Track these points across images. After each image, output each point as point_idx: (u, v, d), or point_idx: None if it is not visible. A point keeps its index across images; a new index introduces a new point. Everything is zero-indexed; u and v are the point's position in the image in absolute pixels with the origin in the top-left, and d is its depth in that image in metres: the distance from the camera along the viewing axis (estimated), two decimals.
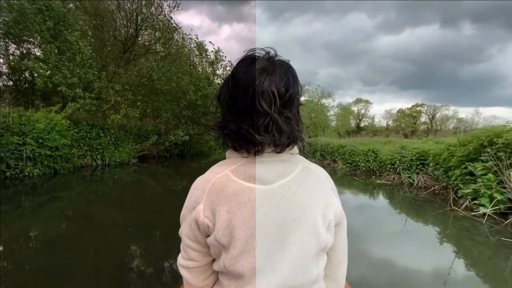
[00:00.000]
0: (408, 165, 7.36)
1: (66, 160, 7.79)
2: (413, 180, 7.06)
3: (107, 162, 9.30)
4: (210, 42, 13.68)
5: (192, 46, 13.31)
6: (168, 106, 11.71)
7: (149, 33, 10.71)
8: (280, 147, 0.61)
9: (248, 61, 0.61)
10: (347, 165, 10.45)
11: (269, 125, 0.58)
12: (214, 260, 0.71)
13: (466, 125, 42.87)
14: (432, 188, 6.21)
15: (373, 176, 8.53)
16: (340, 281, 0.77)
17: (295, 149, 0.67)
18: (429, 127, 45.89)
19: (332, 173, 10.23)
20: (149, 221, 4.33)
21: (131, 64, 10.38)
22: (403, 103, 79.21)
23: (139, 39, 10.44)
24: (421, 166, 7.15)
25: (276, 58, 0.63)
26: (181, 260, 0.72)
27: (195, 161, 13.18)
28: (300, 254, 0.63)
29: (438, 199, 5.71)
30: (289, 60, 0.64)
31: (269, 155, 0.63)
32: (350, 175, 9.46)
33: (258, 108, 0.57)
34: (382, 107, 67.66)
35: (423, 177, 6.95)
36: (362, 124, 48.02)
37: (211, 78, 13.33)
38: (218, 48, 13.80)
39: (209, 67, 13.74)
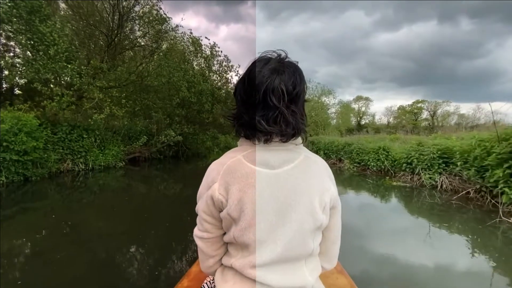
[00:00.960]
0: (429, 164, 6.34)
1: (41, 165, 6.79)
2: (436, 181, 6.04)
3: (90, 166, 8.29)
4: (206, 37, 12.43)
5: (185, 40, 12.35)
6: (160, 104, 10.70)
7: (138, 24, 9.67)
8: (286, 137, 0.69)
9: (262, 61, 0.67)
10: (355, 164, 9.44)
11: (278, 117, 0.66)
12: (224, 234, 0.77)
13: (468, 121, 42.07)
14: (464, 192, 5.17)
15: (386, 177, 7.51)
16: (333, 259, 0.84)
17: (299, 140, 0.74)
18: (431, 124, 44.89)
19: (339, 174, 9.23)
20: (139, 230, 3.72)
21: (118, 60, 9.36)
22: (403, 100, 77.81)
23: (127, 31, 9.43)
24: (444, 165, 6.12)
25: (286, 60, 0.69)
26: (197, 232, 0.79)
27: (192, 163, 12.18)
28: (298, 229, 0.69)
29: (472, 205, 4.69)
30: (297, 62, 0.70)
31: (276, 144, 0.70)
32: (358, 176, 8.45)
33: (269, 102, 0.65)
34: (382, 105, 66.44)
35: (447, 177, 5.94)
36: (362, 122, 46.90)
37: (206, 74, 12.34)
38: (214, 43, 12.84)
39: (204, 62, 12.75)
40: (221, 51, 12.74)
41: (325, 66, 77.61)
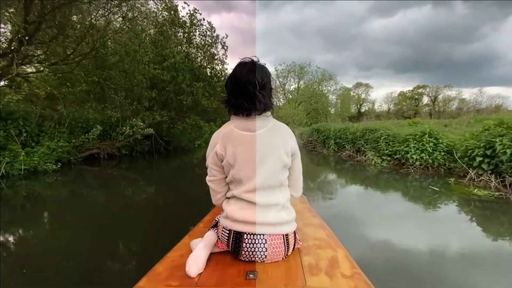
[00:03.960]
0: None
1: None
2: None
3: (3, 171, 5.41)
4: (185, 2, 9.20)
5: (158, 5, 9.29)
6: (124, 82, 7.75)
7: None
8: (259, 111, 1.05)
9: (242, 64, 1.05)
10: (385, 158, 6.61)
11: (254, 99, 1.02)
12: (226, 178, 1.11)
13: (469, 106, 39.29)
14: None
15: (450, 179, 4.67)
16: (298, 189, 1.20)
17: (268, 113, 1.09)
18: (431, 109, 42.11)
19: (359, 171, 6.44)
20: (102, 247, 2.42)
21: (52, 20, 6.36)
22: (400, 86, 74.23)
23: None
24: None
25: (258, 63, 1.06)
26: (208, 177, 1.14)
27: (175, 159, 9.33)
28: (271, 168, 1.03)
29: None
30: (265, 63, 1.09)
31: (253, 117, 1.06)
32: (389, 173, 5.67)
33: (247, 90, 1.01)
34: (379, 92, 62.94)
35: None
36: (363, 109, 43.84)
37: (184, 46, 9.33)
38: (195, 9, 9.77)
39: (183, 34, 9.71)
40: (204, 19, 9.70)
41: (321, 54, 72.81)
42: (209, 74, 9.49)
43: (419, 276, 1.87)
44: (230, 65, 10.26)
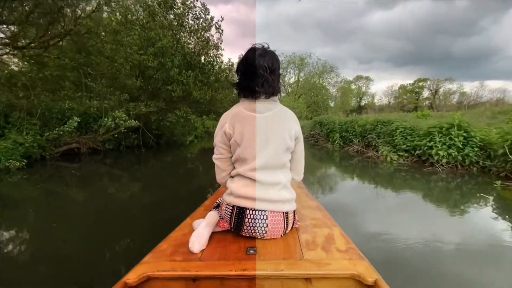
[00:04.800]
0: None
1: None
2: None
3: None
4: None
5: None
6: (105, 68, 6.79)
7: None
8: (268, 94, 1.09)
9: (254, 49, 1.08)
10: (402, 153, 5.72)
11: (263, 82, 1.06)
12: (231, 157, 1.14)
13: (470, 99, 38.49)
14: None
15: (496, 182, 3.76)
16: (300, 173, 1.24)
17: (276, 98, 1.13)
18: (432, 103, 41.25)
19: (371, 168, 5.55)
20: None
21: None
22: (399, 80, 72.79)
23: None
24: None
25: (268, 49, 1.11)
26: (215, 156, 1.17)
27: (169, 154, 8.39)
28: (275, 149, 1.08)
29: None
30: (275, 50, 1.13)
31: (262, 99, 1.09)
32: (408, 171, 4.81)
33: (258, 73, 1.05)
34: (379, 85, 61.61)
35: None
36: (362, 103, 42.81)
37: (175, 30, 8.31)
38: None
39: (174, 16, 8.67)
40: None
41: (320, 47, 70.98)
42: (202, 61, 8.50)
43: None
44: (226, 55, 9.39)
